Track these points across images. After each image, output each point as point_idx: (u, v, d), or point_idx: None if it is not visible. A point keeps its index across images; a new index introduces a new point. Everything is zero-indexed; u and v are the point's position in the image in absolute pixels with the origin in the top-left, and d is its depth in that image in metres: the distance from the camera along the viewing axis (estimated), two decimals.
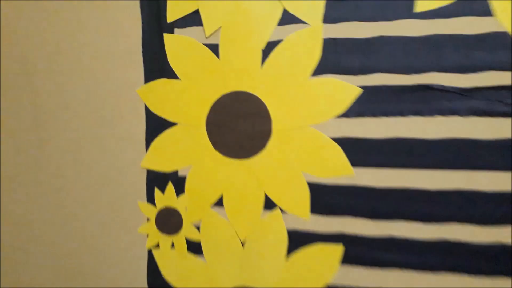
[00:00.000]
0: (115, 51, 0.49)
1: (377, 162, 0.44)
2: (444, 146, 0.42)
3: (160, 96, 0.48)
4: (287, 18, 0.44)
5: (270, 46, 0.45)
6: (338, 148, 0.44)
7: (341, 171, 0.44)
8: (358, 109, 0.44)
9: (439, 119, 0.42)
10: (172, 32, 0.47)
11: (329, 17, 0.44)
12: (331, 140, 0.44)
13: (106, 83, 0.50)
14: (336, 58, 0.44)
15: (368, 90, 0.44)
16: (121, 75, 0.50)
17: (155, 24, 0.48)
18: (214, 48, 0.46)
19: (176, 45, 0.47)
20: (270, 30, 0.45)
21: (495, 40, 0.41)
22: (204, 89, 0.47)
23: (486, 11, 0.40)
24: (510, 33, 0.40)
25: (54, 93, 0.52)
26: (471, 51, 0.41)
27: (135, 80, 0.49)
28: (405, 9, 0.42)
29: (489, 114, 0.41)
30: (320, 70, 0.44)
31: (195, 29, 0.47)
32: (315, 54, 0.44)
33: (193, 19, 0.46)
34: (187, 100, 0.48)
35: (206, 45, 0.46)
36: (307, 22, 0.44)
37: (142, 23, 0.48)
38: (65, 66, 0.51)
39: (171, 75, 0.48)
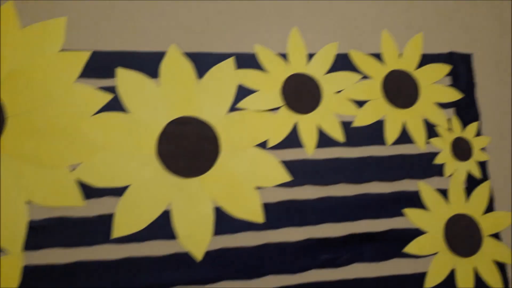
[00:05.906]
0: None
1: None
2: None
3: None
4: None
5: None
6: None
7: None
8: None
9: None
10: None
11: (30, 245, 0.45)
12: None
13: None
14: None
15: None
16: None
17: None
18: None
19: None
20: None
21: (179, 259, 0.48)
22: None
23: (170, 235, 0.48)
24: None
25: None
26: (160, 272, 0.47)
27: None
28: (103, 235, 0.47)
29: None
30: None
31: None
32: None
33: None
34: None
35: None
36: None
37: None
38: None
39: None
